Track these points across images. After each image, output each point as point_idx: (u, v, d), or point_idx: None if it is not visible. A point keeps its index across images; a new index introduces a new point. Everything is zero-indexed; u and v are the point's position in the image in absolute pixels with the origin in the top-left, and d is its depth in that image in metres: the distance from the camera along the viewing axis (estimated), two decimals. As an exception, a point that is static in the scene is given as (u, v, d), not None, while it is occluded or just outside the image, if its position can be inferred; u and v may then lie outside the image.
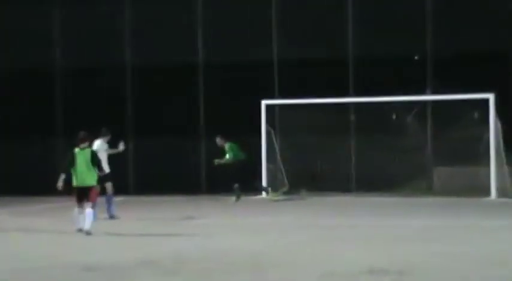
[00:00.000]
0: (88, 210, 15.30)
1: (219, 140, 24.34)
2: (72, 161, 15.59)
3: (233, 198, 24.01)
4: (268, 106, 26.03)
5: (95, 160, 15.79)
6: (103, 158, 18.51)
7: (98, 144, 18.72)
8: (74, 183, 15.58)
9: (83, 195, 15.45)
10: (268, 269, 11.12)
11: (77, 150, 15.71)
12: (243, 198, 24.13)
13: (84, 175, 15.53)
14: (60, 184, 15.64)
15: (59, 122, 27.70)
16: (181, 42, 27.19)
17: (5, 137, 27.46)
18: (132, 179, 26.88)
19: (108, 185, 18.55)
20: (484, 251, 12.83)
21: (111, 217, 18.38)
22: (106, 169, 18.56)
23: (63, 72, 27.93)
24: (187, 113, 27.14)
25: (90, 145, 16.27)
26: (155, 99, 27.39)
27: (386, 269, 10.83)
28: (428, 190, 25.44)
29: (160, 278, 10.57)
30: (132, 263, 11.69)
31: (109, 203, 18.55)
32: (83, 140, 15.80)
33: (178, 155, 26.52)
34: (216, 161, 24.23)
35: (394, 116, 26.61)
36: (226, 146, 24.25)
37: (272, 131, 26.17)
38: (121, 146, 19.51)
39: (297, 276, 10.57)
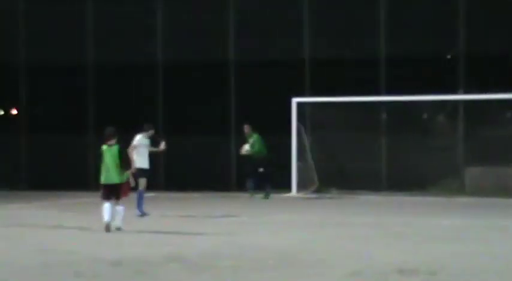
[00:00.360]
0: (118, 207, 15.24)
1: (246, 128, 24.39)
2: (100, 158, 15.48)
3: (260, 195, 24.00)
4: (299, 104, 25.97)
5: (122, 157, 15.51)
6: (143, 153, 18.46)
7: (138, 139, 18.64)
8: (101, 180, 15.45)
9: (110, 192, 15.29)
10: (296, 267, 11.06)
11: (104, 147, 15.51)
12: (272, 196, 24.11)
13: (112, 172, 15.34)
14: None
15: (91, 118, 27.81)
16: (212, 40, 27.21)
17: (38, 132, 27.65)
18: (163, 175, 26.93)
19: (142, 181, 18.43)
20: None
21: (142, 213, 18.30)
22: (145, 164, 18.46)
23: (95, 69, 28.06)
24: (218, 111, 27.16)
25: (118, 141, 15.92)
26: (186, 98, 27.43)
27: (417, 269, 10.72)
28: (460, 189, 25.25)
29: (188, 274, 10.54)
30: (159, 259, 11.68)
31: (140, 199, 18.44)
32: (109, 137, 15.52)
33: (208, 152, 26.57)
34: (242, 153, 24.32)
35: (425, 116, 26.45)
36: (253, 136, 24.24)
37: (303, 129, 26.10)
38: (162, 146, 19.45)
39: (325, 274, 10.49)
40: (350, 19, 26.32)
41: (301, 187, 25.69)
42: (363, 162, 25.77)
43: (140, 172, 18.20)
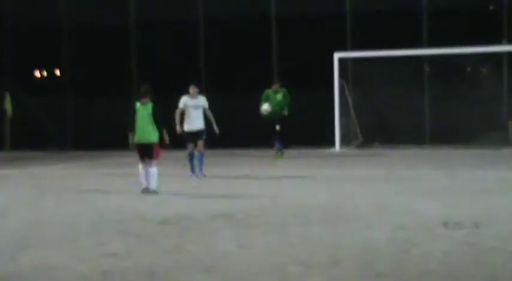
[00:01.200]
0: (152, 169, 14.84)
1: (275, 84, 23.40)
2: (134, 117, 15.00)
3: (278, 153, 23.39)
4: (340, 59, 25.86)
5: (156, 116, 15.01)
6: (191, 113, 18.08)
7: (183, 100, 18.10)
8: (135, 139, 15.01)
9: (144, 152, 14.93)
10: (341, 222, 11.12)
11: (138, 105, 15.05)
12: (315, 151, 24.12)
13: (146, 131, 14.92)
14: (131, 142, 15.10)
15: (134, 76, 27.96)
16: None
17: (82, 93, 27.89)
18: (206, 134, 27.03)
19: (200, 143, 18.03)
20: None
21: (203, 175, 17.88)
22: (193, 126, 18.07)
23: (137, 26, 28.15)
24: (259, 67, 27.12)
25: (153, 100, 15.25)
26: (227, 55, 27.43)
27: (462, 222, 10.73)
28: (505, 141, 25.09)
29: (236, 230, 10.65)
30: (206, 216, 11.80)
31: (201, 161, 17.96)
32: (144, 95, 14.99)
33: (250, 109, 26.55)
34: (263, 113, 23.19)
35: (468, 68, 26.22)
36: (281, 91, 23.26)
37: (345, 85, 26.00)
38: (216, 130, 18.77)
39: (369, 229, 10.55)
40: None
41: (344, 142, 25.67)
42: (406, 116, 25.67)
43: (187, 135, 18.05)
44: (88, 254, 9.15)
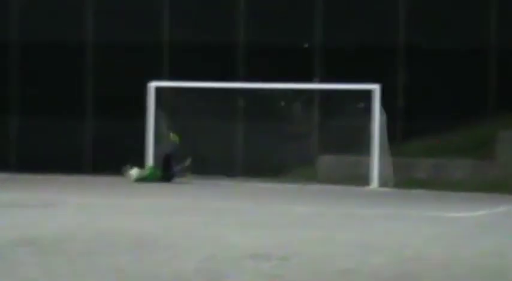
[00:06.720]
0: None
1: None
2: None
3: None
4: (157, 89, 25.86)
5: None
6: None
7: None
8: None
9: None
10: (150, 251, 11.02)
11: None
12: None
13: None
14: None
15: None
16: (71, 20, 26.75)
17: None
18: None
19: None
20: (364, 238, 13.04)
21: None
22: None
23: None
24: (75, 92, 26.75)
25: None
26: (41, 77, 26.88)
27: (269, 255, 10.86)
28: (313, 177, 25.77)
29: (39, 257, 10.33)
30: (9, 243, 11.40)
31: None
32: None
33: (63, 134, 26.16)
34: None
35: (282, 104, 26.85)
36: None
37: (163, 115, 26.03)
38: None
39: (178, 259, 10.50)
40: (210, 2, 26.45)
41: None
42: (220, 147, 25.93)
43: None
44: None
